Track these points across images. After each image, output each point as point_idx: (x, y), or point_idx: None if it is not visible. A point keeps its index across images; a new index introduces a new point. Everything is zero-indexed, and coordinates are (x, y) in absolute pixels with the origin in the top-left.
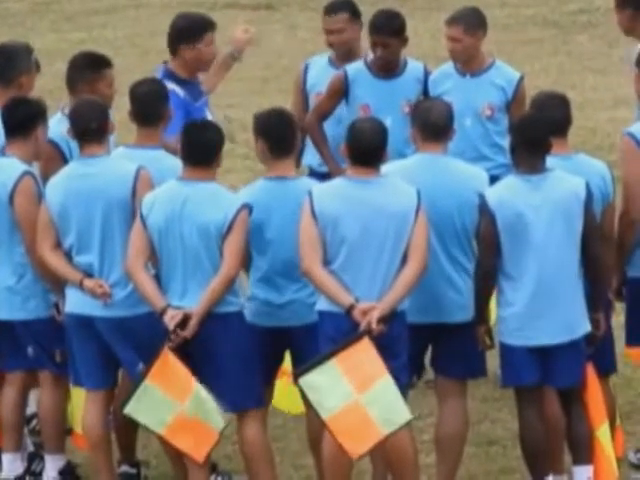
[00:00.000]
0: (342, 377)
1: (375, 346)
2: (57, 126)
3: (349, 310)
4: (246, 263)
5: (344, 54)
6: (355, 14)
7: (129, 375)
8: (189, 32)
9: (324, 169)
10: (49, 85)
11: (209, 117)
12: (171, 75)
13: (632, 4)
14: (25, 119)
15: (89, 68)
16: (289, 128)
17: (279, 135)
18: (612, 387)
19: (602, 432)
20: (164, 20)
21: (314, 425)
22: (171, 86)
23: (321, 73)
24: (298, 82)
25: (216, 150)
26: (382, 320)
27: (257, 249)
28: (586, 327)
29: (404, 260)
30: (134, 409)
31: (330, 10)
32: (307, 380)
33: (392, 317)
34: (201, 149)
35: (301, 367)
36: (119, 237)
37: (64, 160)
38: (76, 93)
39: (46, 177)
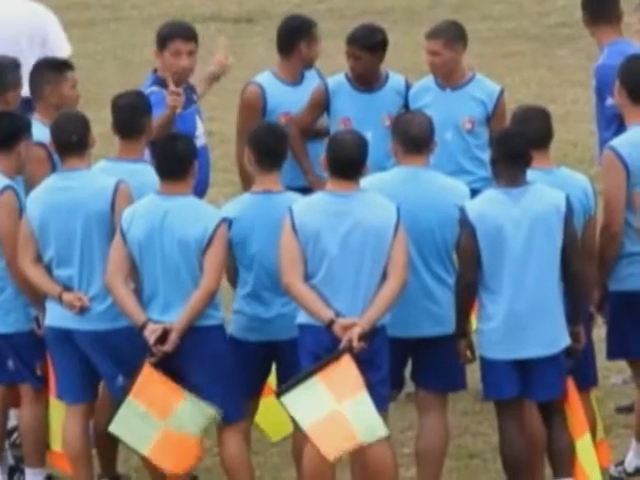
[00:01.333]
0: (324, 392)
1: (356, 360)
2: (37, 131)
3: (329, 325)
4: (232, 277)
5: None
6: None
7: (109, 389)
8: (157, 39)
9: (298, 183)
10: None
11: (199, 125)
12: (159, 81)
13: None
14: (9, 134)
15: (51, 70)
16: (279, 142)
17: (268, 148)
18: (593, 400)
19: (582, 444)
20: (145, 33)
21: (300, 437)
22: (156, 89)
23: (277, 92)
24: (254, 103)
25: (189, 162)
26: (363, 337)
27: (243, 263)
28: (566, 340)
29: (384, 276)
30: (118, 427)
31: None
32: (289, 398)
33: (373, 333)
34: (173, 161)
35: (283, 386)
36: (98, 251)
37: (53, 165)
38: (42, 97)
39: (34, 182)
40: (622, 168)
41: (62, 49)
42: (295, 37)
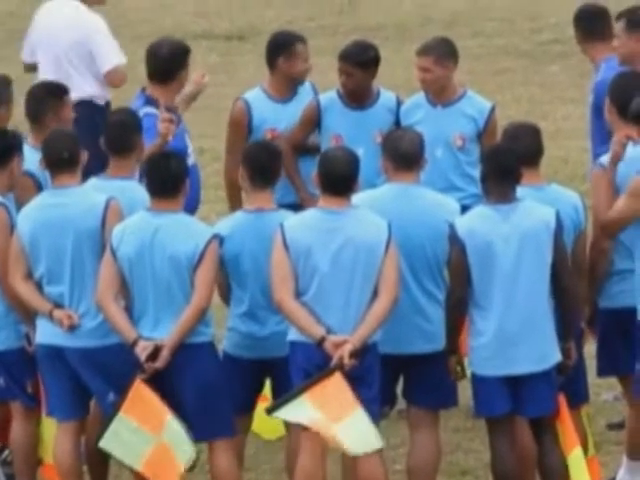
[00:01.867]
0: (313, 412)
1: (347, 377)
2: (29, 157)
3: (320, 342)
4: (225, 294)
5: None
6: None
7: (100, 405)
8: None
9: (289, 200)
10: (21, 116)
11: (189, 143)
12: (150, 101)
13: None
14: (1, 151)
15: (53, 96)
16: (273, 160)
17: (261, 166)
18: (584, 417)
19: (573, 459)
20: (135, 51)
21: (293, 447)
22: (150, 110)
23: (264, 107)
24: (240, 119)
25: (180, 179)
26: (354, 354)
27: (236, 281)
28: (557, 356)
29: (375, 293)
30: (109, 443)
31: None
32: (280, 415)
33: (364, 350)
34: (165, 180)
35: (272, 404)
36: (89, 267)
37: (40, 191)
38: (43, 123)
39: (21, 206)
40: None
41: (109, 62)
42: (274, 53)
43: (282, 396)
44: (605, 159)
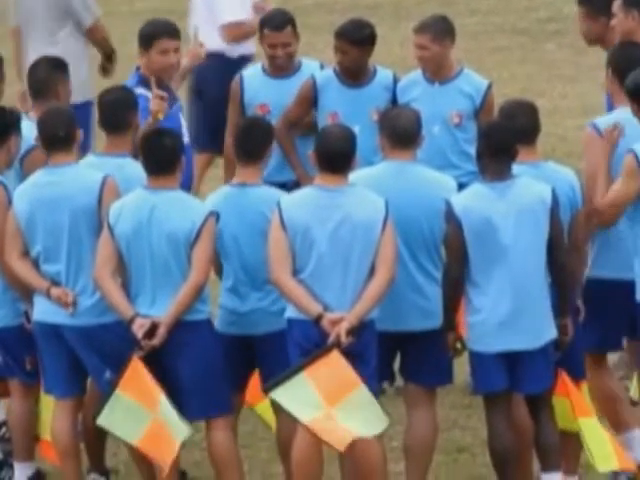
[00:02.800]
0: (313, 390)
1: (344, 354)
2: (29, 132)
3: (317, 320)
4: (218, 269)
5: (288, 65)
6: (295, 27)
7: (96, 383)
8: (140, 39)
9: (279, 178)
10: (15, 96)
11: (183, 123)
12: (143, 81)
13: (607, 12)
14: None
15: (60, 70)
16: (260, 137)
17: (247, 142)
18: (585, 393)
19: (586, 424)
20: (133, 28)
21: (284, 433)
22: (143, 92)
23: (258, 84)
24: (235, 94)
25: (176, 156)
26: (351, 332)
27: (223, 256)
28: (553, 333)
29: (372, 270)
30: (107, 420)
31: (276, 26)
32: (278, 394)
33: (361, 327)
34: (161, 157)
35: (270, 382)
36: (86, 245)
37: None
38: (46, 96)
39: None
40: (601, 142)
41: (227, 15)
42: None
43: (279, 374)
44: (600, 121)
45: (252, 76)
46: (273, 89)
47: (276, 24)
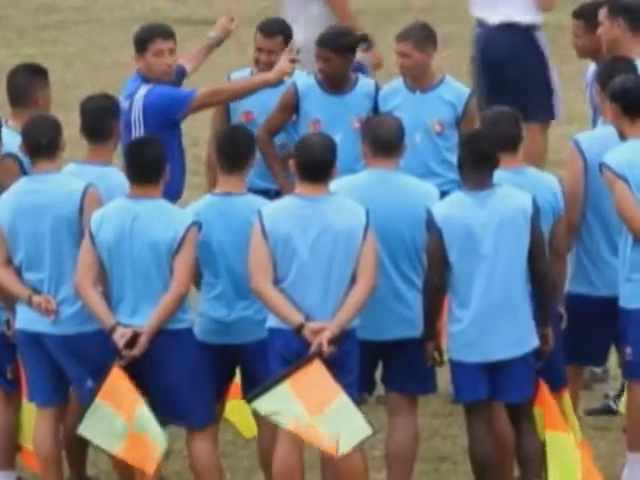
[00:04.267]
0: (295, 400)
1: (326, 364)
2: (9, 139)
3: (299, 329)
4: (196, 279)
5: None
6: (288, 37)
7: (77, 392)
8: (135, 43)
9: (261, 185)
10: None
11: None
12: (145, 80)
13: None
14: None
15: (39, 75)
16: (243, 146)
17: (230, 151)
18: (566, 402)
19: (552, 438)
20: (115, 35)
21: (265, 442)
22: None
23: None
24: None
25: (160, 166)
26: (333, 341)
27: (204, 265)
28: (534, 342)
29: (354, 279)
30: (87, 429)
31: (266, 32)
32: (260, 404)
33: (343, 336)
34: (145, 166)
35: (252, 392)
36: (68, 254)
37: (24, 174)
38: (25, 103)
39: (3, 189)
40: (581, 160)
41: None
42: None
43: (259, 384)
44: (582, 138)
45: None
46: (259, 96)
47: (267, 30)
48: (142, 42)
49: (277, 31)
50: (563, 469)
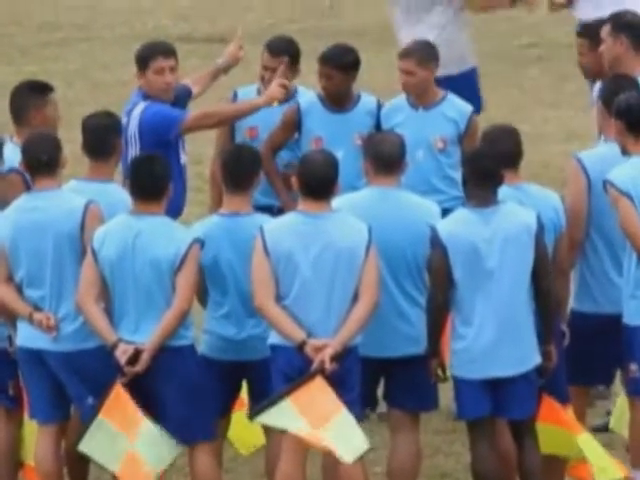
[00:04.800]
0: (297, 417)
1: (328, 380)
2: (13, 155)
3: (301, 346)
4: (202, 298)
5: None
6: (294, 57)
7: (78, 409)
8: (137, 61)
9: (264, 202)
10: (2, 118)
11: (184, 144)
12: (145, 97)
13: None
14: None
15: (36, 93)
16: (248, 165)
17: (235, 170)
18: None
19: (583, 440)
20: (116, 53)
21: (273, 451)
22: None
23: None
24: None
25: (164, 183)
26: (335, 358)
27: (212, 284)
28: (537, 359)
29: (356, 296)
30: (88, 446)
31: (273, 50)
32: (263, 420)
33: (345, 353)
34: (149, 183)
35: (255, 408)
36: (69, 271)
37: (28, 189)
38: (26, 121)
39: (7, 205)
40: (584, 178)
41: None
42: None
43: (263, 400)
44: (585, 156)
45: (245, 95)
46: (264, 112)
47: (274, 49)
48: (143, 60)
49: (283, 50)
50: (604, 463)
